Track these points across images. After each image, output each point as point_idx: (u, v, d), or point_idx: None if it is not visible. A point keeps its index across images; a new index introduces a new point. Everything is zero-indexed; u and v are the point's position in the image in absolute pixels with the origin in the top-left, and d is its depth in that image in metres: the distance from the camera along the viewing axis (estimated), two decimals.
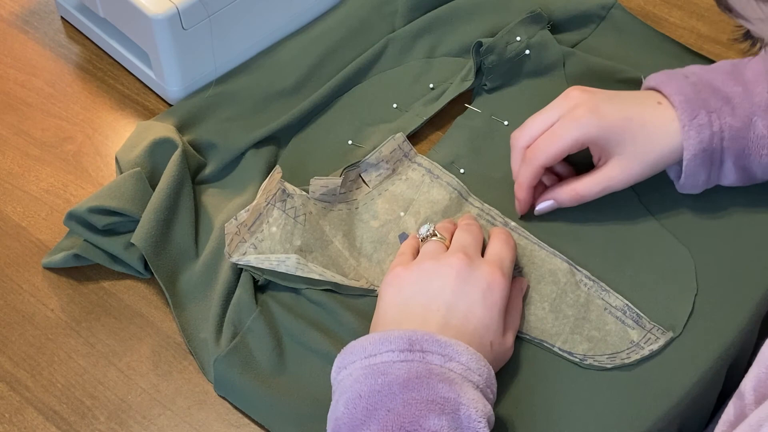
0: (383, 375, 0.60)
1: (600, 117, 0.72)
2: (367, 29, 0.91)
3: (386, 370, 0.60)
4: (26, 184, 0.81)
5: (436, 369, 0.60)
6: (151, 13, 0.77)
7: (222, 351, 0.69)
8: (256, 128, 0.82)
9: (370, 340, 0.62)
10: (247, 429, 0.68)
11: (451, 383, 0.59)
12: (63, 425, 0.68)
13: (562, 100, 0.74)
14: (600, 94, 0.74)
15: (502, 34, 0.86)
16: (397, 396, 0.58)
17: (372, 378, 0.60)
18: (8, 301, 0.74)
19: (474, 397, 0.59)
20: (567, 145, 0.72)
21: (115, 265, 0.74)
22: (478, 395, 0.60)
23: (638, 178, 0.74)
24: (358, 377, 0.61)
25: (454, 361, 0.61)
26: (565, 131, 0.72)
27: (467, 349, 0.62)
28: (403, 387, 0.59)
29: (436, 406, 0.58)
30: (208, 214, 0.78)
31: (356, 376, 0.61)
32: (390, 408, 0.58)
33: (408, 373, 0.59)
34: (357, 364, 0.62)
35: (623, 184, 0.74)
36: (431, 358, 0.61)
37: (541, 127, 0.74)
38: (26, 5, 0.94)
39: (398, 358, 0.60)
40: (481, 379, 0.61)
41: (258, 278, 0.73)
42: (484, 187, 0.79)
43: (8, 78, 0.88)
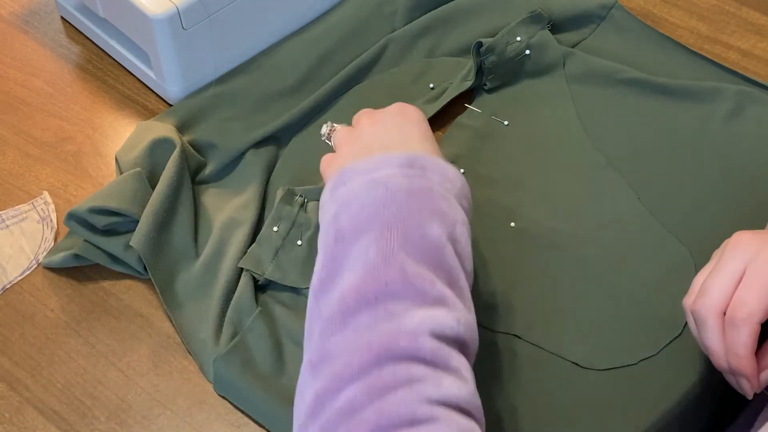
0: (386, 186, 0.61)
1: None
2: (367, 29, 0.91)
3: (389, 182, 0.61)
4: (26, 184, 0.81)
5: (436, 186, 0.62)
6: (151, 13, 0.77)
7: (222, 350, 0.69)
8: (256, 128, 0.82)
9: (368, 161, 0.64)
10: (247, 429, 0.68)
11: (449, 202, 0.62)
12: (63, 425, 0.68)
13: (736, 250, 0.63)
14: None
15: (502, 34, 0.86)
16: (402, 203, 0.60)
17: (375, 189, 0.61)
18: (8, 301, 0.74)
19: (463, 219, 0.62)
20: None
21: (115, 265, 0.74)
22: (466, 219, 0.63)
23: None
24: (360, 190, 0.61)
25: (448, 182, 0.63)
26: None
27: (458, 174, 0.64)
28: (407, 195, 0.60)
29: (437, 217, 0.60)
30: (207, 214, 0.78)
31: (357, 189, 0.62)
32: (394, 212, 0.59)
33: (411, 185, 0.61)
34: (357, 179, 0.62)
35: None
36: (431, 175, 0.62)
37: (728, 284, 0.61)
38: (26, 5, 0.94)
39: (400, 173, 0.62)
40: (466, 202, 0.64)
41: (258, 278, 0.73)
42: (484, 186, 0.79)
43: (8, 78, 0.88)
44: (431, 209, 0.60)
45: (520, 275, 0.74)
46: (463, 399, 0.54)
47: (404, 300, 0.56)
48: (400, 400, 0.52)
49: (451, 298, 0.58)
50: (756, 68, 0.89)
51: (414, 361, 0.54)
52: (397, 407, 0.51)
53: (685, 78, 0.86)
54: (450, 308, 0.57)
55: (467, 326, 0.58)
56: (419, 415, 0.51)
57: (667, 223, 0.77)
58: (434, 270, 0.58)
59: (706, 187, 0.79)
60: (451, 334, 0.56)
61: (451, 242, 0.60)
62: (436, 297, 0.57)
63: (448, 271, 0.59)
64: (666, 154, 0.81)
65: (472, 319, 0.59)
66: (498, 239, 0.76)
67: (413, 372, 0.53)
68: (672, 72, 0.87)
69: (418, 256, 0.58)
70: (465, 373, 0.56)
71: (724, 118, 0.83)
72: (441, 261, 0.59)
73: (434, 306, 0.56)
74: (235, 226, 0.76)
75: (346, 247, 0.59)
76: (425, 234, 0.59)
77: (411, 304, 0.56)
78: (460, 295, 0.59)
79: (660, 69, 0.87)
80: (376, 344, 0.54)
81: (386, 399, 0.52)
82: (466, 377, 0.55)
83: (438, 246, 0.59)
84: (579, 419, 0.67)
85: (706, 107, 0.84)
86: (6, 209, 0.79)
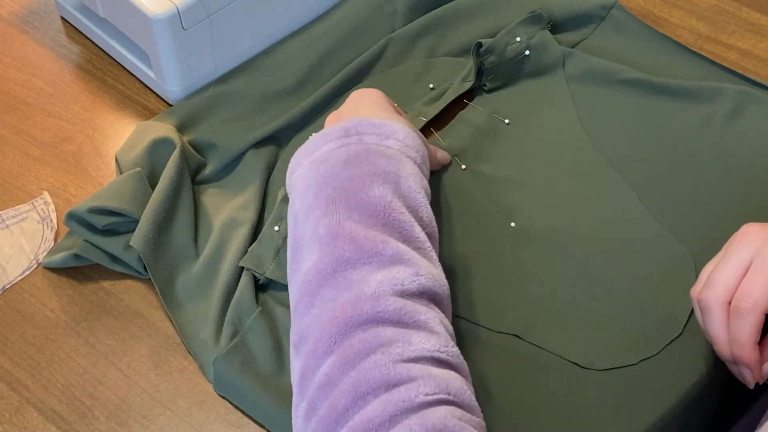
0: (325, 162, 0.63)
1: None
2: (367, 29, 0.91)
3: (327, 157, 0.63)
4: (26, 184, 0.81)
5: (374, 147, 0.63)
6: (151, 13, 0.77)
7: (222, 350, 0.69)
8: (256, 128, 0.82)
9: (311, 140, 0.65)
10: (247, 429, 0.68)
11: (390, 158, 0.63)
12: (63, 425, 0.68)
13: (745, 241, 0.63)
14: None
15: (501, 35, 0.86)
16: (340, 174, 0.61)
17: (316, 168, 0.63)
18: (8, 301, 0.74)
19: (412, 170, 0.63)
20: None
21: (115, 265, 0.74)
22: (415, 169, 0.63)
23: None
24: (305, 173, 0.63)
25: (391, 139, 0.64)
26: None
27: (402, 127, 0.65)
28: (344, 166, 0.62)
29: (378, 177, 0.61)
30: (207, 214, 0.78)
31: (304, 172, 0.64)
32: (335, 186, 0.61)
33: (347, 155, 0.62)
34: (304, 162, 0.64)
35: None
36: (368, 138, 0.64)
37: (734, 275, 0.62)
38: (26, 5, 0.94)
39: (337, 145, 0.63)
40: (418, 155, 0.65)
41: (259, 277, 0.73)
42: (485, 185, 0.79)
43: (8, 78, 0.88)
44: (370, 172, 0.61)
45: (520, 275, 0.74)
46: (437, 351, 0.54)
47: (360, 266, 0.57)
48: (373, 365, 0.53)
49: (407, 253, 0.58)
50: (756, 68, 0.89)
51: (380, 324, 0.55)
52: (371, 372, 0.52)
53: (685, 78, 0.86)
54: (407, 264, 0.58)
55: (430, 277, 0.58)
56: (394, 376, 0.52)
57: (667, 223, 0.77)
58: (385, 230, 0.59)
59: (706, 187, 0.79)
60: (414, 289, 0.57)
61: (399, 197, 0.61)
62: (392, 256, 0.58)
63: (399, 227, 0.60)
64: (666, 154, 0.81)
65: (434, 269, 0.60)
66: (498, 239, 0.76)
67: (381, 335, 0.54)
68: (672, 72, 0.87)
69: (366, 221, 0.59)
70: (434, 326, 0.56)
71: (724, 119, 0.83)
72: (389, 219, 0.60)
73: (391, 265, 0.57)
74: (235, 226, 0.76)
75: (301, 230, 0.61)
76: (368, 197, 0.60)
77: (368, 268, 0.57)
78: (418, 248, 0.60)
79: (660, 69, 0.87)
80: (341, 315, 0.55)
81: (360, 366, 0.53)
82: (436, 330, 0.56)
83: (383, 205, 0.60)
84: (579, 419, 0.67)
85: (707, 107, 0.84)
86: (6, 209, 0.79)
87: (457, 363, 0.56)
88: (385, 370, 0.52)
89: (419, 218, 0.62)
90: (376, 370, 0.52)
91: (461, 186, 0.79)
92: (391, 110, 0.70)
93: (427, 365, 0.54)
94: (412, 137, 0.65)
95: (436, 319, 0.57)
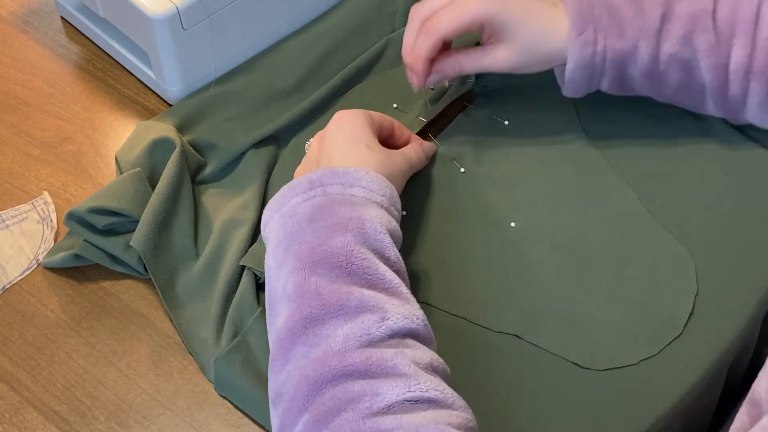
0: (292, 217, 0.63)
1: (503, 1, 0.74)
2: (367, 29, 0.91)
3: (295, 212, 0.64)
4: (26, 184, 0.81)
5: (337, 197, 0.64)
6: (151, 13, 0.77)
7: (223, 350, 0.69)
8: (256, 128, 0.82)
9: (280, 193, 0.66)
10: (247, 429, 0.68)
11: (353, 205, 0.63)
12: (63, 425, 0.68)
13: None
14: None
15: None
16: (306, 229, 0.62)
17: (285, 223, 0.64)
18: (8, 301, 0.74)
19: (377, 213, 0.64)
20: (468, 18, 0.74)
21: (115, 265, 0.74)
22: (381, 212, 0.64)
23: (520, 67, 0.77)
24: (276, 227, 0.64)
25: (355, 187, 0.65)
26: (469, 4, 0.74)
27: (367, 173, 0.66)
28: (309, 220, 0.63)
29: (340, 227, 0.62)
30: (207, 214, 0.78)
31: (275, 227, 0.64)
32: (301, 241, 0.62)
33: (312, 209, 0.63)
34: (275, 217, 0.65)
35: (505, 68, 0.77)
36: (332, 189, 0.64)
37: (444, 3, 0.75)
38: (26, 5, 0.94)
39: (303, 199, 0.64)
40: (385, 198, 0.66)
41: (260, 276, 0.73)
42: (484, 185, 0.79)
43: (8, 78, 0.88)
44: (333, 223, 0.62)
45: (520, 275, 0.74)
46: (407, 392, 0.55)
47: (328, 321, 0.58)
48: (344, 422, 0.54)
49: (372, 299, 0.59)
50: None
51: (348, 378, 0.55)
52: (342, 430, 0.53)
53: None
54: (373, 311, 0.58)
55: (399, 317, 0.59)
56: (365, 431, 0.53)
57: (667, 223, 0.77)
58: (349, 279, 0.60)
59: (706, 187, 0.79)
60: (381, 335, 0.58)
61: (362, 243, 0.61)
62: (356, 306, 0.58)
63: (363, 273, 0.60)
64: (666, 153, 0.81)
65: (403, 306, 0.60)
66: (498, 239, 0.76)
67: (350, 390, 0.55)
68: None
69: (330, 273, 0.60)
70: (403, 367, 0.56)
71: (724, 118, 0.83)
72: (353, 268, 0.60)
73: (357, 315, 0.58)
74: (235, 226, 0.76)
75: (273, 286, 0.62)
76: (330, 248, 0.60)
77: (335, 322, 0.58)
78: (385, 289, 0.60)
79: None
80: (311, 373, 0.56)
81: (332, 425, 0.54)
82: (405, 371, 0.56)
83: (345, 254, 0.60)
84: (579, 419, 0.67)
85: None
86: (6, 209, 0.79)
87: (431, 392, 0.56)
88: (356, 426, 0.53)
89: (385, 258, 0.63)
90: (347, 426, 0.53)
91: (461, 187, 0.79)
92: (367, 140, 0.70)
93: (398, 414, 0.54)
94: (377, 181, 0.66)
95: (405, 360, 0.57)
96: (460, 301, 0.72)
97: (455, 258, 0.75)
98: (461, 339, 0.70)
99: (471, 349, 0.70)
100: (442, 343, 0.64)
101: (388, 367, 0.56)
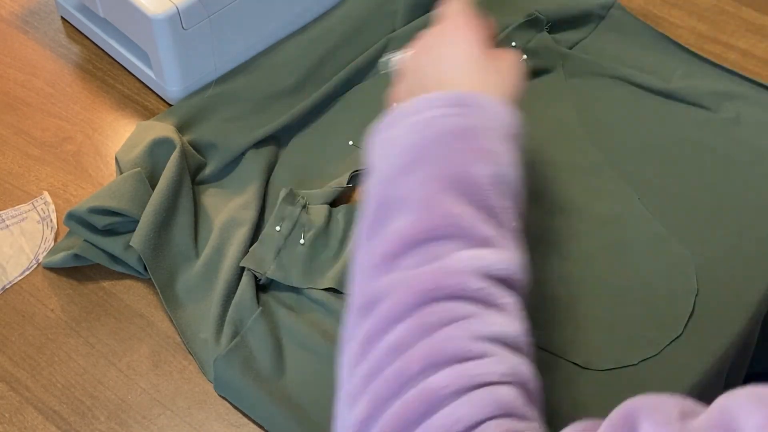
0: (430, 128, 0.60)
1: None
2: (367, 29, 0.91)
3: (434, 123, 0.60)
4: (26, 184, 0.81)
5: (481, 124, 0.60)
6: (151, 13, 0.77)
7: (222, 350, 0.69)
8: (256, 128, 0.82)
9: (412, 103, 0.62)
10: (247, 429, 0.68)
11: (496, 141, 0.60)
12: (63, 425, 0.68)
13: None
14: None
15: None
16: (447, 144, 0.59)
17: (418, 132, 0.60)
18: (8, 301, 0.74)
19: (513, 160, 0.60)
20: None
21: (115, 265, 0.74)
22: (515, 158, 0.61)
23: None
24: (403, 134, 0.60)
25: (496, 120, 0.61)
26: None
27: (507, 110, 0.62)
28: (452, 136, 0.59)
29: (483, 156, 0.58)
30: (207, 214, 0.78)
31: (400, 133, 0.61)
32: (440, 154, 0.58)
33: (455, 127, 0.59)
34: (400, 124, 0.61)
35: None
36: (476, 113, 0.61)
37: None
38: (26, 5, 0.94)
39: (444, 113, 0.60)
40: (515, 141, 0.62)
41: (260, 277, 0.73)
42: None
43: (8, 78, 0.88)
44: (476, 149, 0.59)
45: None
46: (512, 336, 0.54)
47: (450, 241, 0.56)
48: (448, 336, 0.52)
49: (497, 238, 0.57)
50: (756, 68, 0.89)
51: (461, 299, 0.54)
52: (446, 343, 0.52)
53: (685, 78, 0.86)
54: (497, 248, 0.57)
55: (515, 266, 0.57)
56: (469, 350, 0.52)
57: (667, 223, 0.77)
58: (480, 210, 0.57)
59: (706, 187, 0.79)
60: (498, 274, 0.56)
61: (499, 182, 0.59)
62: (483, 237, 0.56)
63: (495, 211, 0.58)
64: (666, 153, 0.81)
65: (521, 259, 0.58)
66: None
67: (462, 309, 0.53)
68: (671, 72, 0.87)
69: (464, 197, 0.57)
70: (513, 312, 0.55)
71: (724, 118, 0.83)
72: (487, 201, 0.58)
73: (480, 246, 0.56)
74: (235, 226, 0.76)
75: (392, 192, 0.59)
76: (470, 174, 0.58)
77: (457, 245, 0.56)
78: (508, 235, 0.58)
79: (659, 69, 0.87)
80: (423, 284, 0.54)
81: (435, 336, 0.52)
82: (514, 315, 0.55)
83: (484, 186, 0.58)
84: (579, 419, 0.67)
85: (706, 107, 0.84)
86: (6, 209, 0.79)
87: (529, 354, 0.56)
88: (461, 344, 0.52)
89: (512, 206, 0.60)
90: (452, 342, 0.52)
91: None
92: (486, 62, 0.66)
93: (503, 347, 0.53)
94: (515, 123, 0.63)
95: (514, 305, 0.56)
96: None
97: None
98: None
99: None
100: None
101: (502, 304, 0.55)
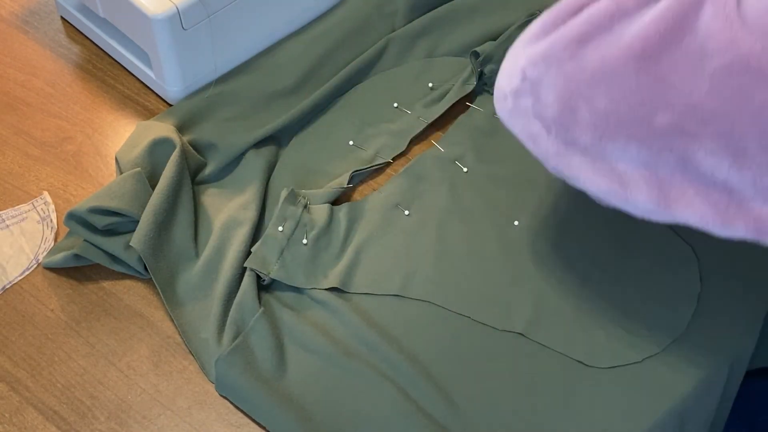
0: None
1: None
2: (367, 29, 0.90)
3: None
4: (26, 184, 0.81)
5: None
6: (151, 13, 0.77)
7: (224, 351, 0.69)
8: (256, 128, 0.82)
9: None
10: (247, 429, 0.68)
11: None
12: (63, 425, 0.67)
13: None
14: None
15: (500, 41, 0.85)
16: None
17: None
18: (8, 301, 0.74)
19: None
20: None
21: (115, 265, 0.74)
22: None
23: None
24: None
25: None
26: None
27: None
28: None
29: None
30: (207, 214, 0.78)
31: None
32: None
33: None
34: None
35: None
36: None
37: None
38: (26, 5, 0.94)
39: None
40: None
41: (264, 278, 0.72)
42: (487, 185, 0.79)
43: (8, 78, 0.88)
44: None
45: (524, 273, 0.74)
46: None
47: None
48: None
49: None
50: None
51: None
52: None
53: None
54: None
55: None
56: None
57: None
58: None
59: None
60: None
61: None
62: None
63: None
64: None
65: None
66: (501, 238, 0.76)
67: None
68: None
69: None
70: None
71: None
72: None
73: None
74: (236, 226, 0.76)
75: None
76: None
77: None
78: None
79: None
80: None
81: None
82: None
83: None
84: (583, 417, 0.67)
85: None
86: (6, 209, 0.79)
87: None
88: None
89: None
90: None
91: (464, 188, 0.79)
92: None
93: None
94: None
95: None
96: (465, 300, 0.72)
97: (459, 257, 0.75)
98: (465, 338, 0.70)
99: (475, 347, 0.70)
100: (446, 342, 0.64)
101: None
